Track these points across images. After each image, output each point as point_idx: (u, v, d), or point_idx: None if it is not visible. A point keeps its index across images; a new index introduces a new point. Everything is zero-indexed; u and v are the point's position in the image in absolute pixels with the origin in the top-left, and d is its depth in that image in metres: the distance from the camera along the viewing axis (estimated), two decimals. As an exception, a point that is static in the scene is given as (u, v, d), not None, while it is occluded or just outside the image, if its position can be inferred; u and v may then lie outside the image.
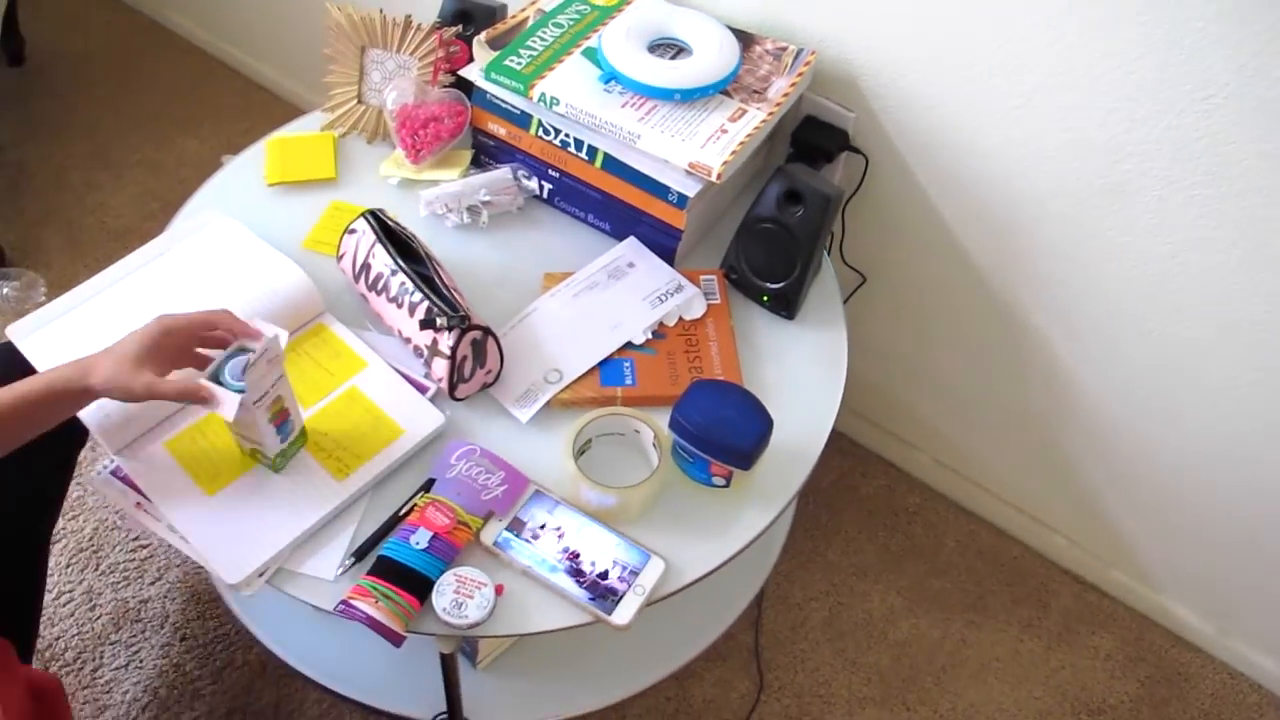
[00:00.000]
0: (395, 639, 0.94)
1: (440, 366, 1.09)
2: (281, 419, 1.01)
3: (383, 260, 1.13)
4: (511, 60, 1.25)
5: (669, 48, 1.28)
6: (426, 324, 1.07)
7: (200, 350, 0.98)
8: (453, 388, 1.09)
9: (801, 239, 1.18)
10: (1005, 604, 1.60)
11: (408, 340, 1.13)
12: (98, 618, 1.49)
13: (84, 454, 1.66)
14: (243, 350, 0.95)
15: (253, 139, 1.39)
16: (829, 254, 1.36)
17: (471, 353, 1.08)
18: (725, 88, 1.23)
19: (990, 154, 1.25)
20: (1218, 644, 1.55)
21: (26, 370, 1.01)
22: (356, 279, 1.17)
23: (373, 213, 1.17)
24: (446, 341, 1.06)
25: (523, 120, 1.26)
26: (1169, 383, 1.31)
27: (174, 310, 0.97)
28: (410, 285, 1.10)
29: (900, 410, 1.69)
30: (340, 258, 1.19)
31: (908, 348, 1.59)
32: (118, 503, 1.03)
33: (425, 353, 1.10)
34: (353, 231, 1.17)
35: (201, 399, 0.93)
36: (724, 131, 1.18)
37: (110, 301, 1.16)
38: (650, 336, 1.18)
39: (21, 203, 2.04)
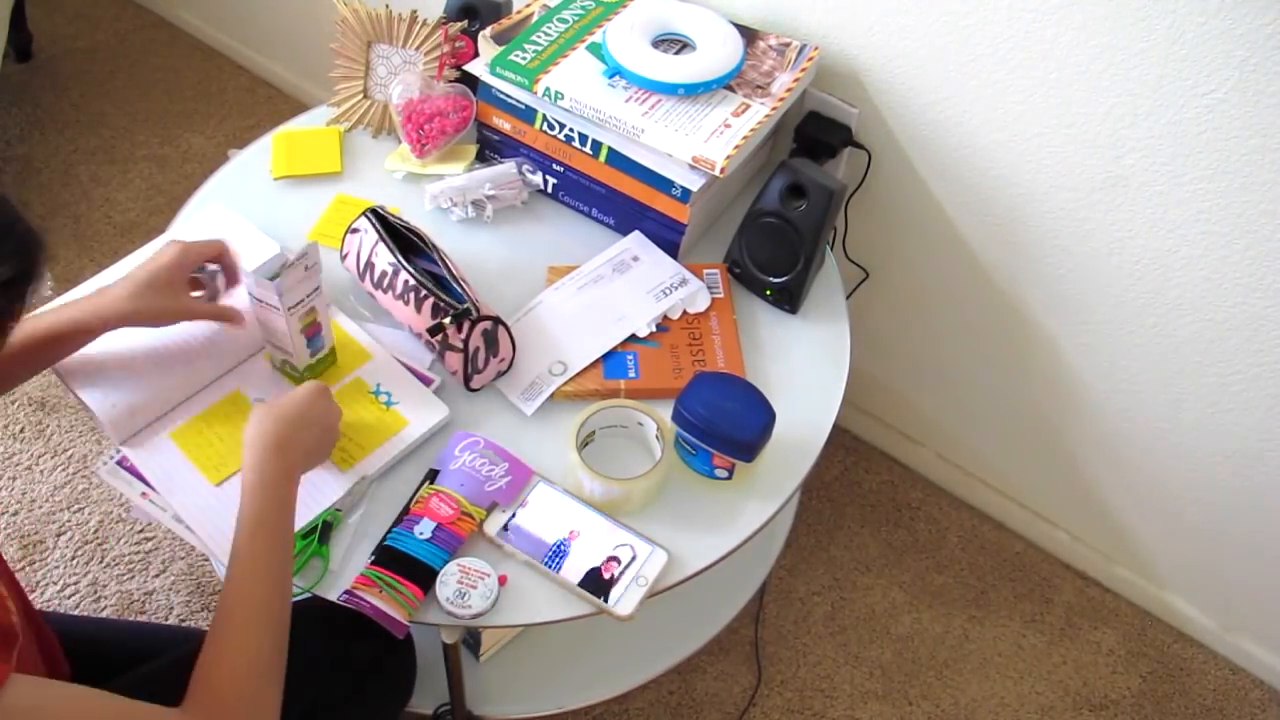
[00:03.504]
0: (399, 628, 0.94)
1: (454, 360, 1.10)
2: (313, 331, 1.06)
3: (385, 258, 1.14)
4: (516, 55, 1.25)
5: (673, 43, 1.28)
6: (435, 330, 1.08)
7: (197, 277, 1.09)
8: (467, 379, 1.10)
9: (805, 233, 1.19)
10: (1007, 599, 1.60)
11: (419, 335, 1.13)
12: (102, 610, 1.49)
13: (90, 446, 1.67)
14: (274, 259, 1.01)
15: (259, 134, 1.40)
16: (832, 249, 1.37)
17: (484, 343, 1.09)
18: (729, 83, 1.23)
19: (993, 149, 1.26)
20: (1220, 639, 1.56)
21: None
22: (361, 277, 1.17)
23: (374, 210, 1.17)
24: (457, 335, 1.07)
25: (527, 115, 1.27)
26: (1171, 377, 1.31)
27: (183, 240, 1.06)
28: (414, 281, 1.11)
29: (903, 405, 1.69)
30: (344, 257, 1.20)
31: (910, 343, 1.59)
32: (124, 493, 1.03)
33: (437, 347, 1.11)
34: (355, 230, 1.18)
35: (229, 318, 1.08)
36: (728, 126, 1.18)
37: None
38: (654, 329, 1.18)
39: (28, 197, 2.05)
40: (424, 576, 0.97)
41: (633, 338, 1.18)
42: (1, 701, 0.66)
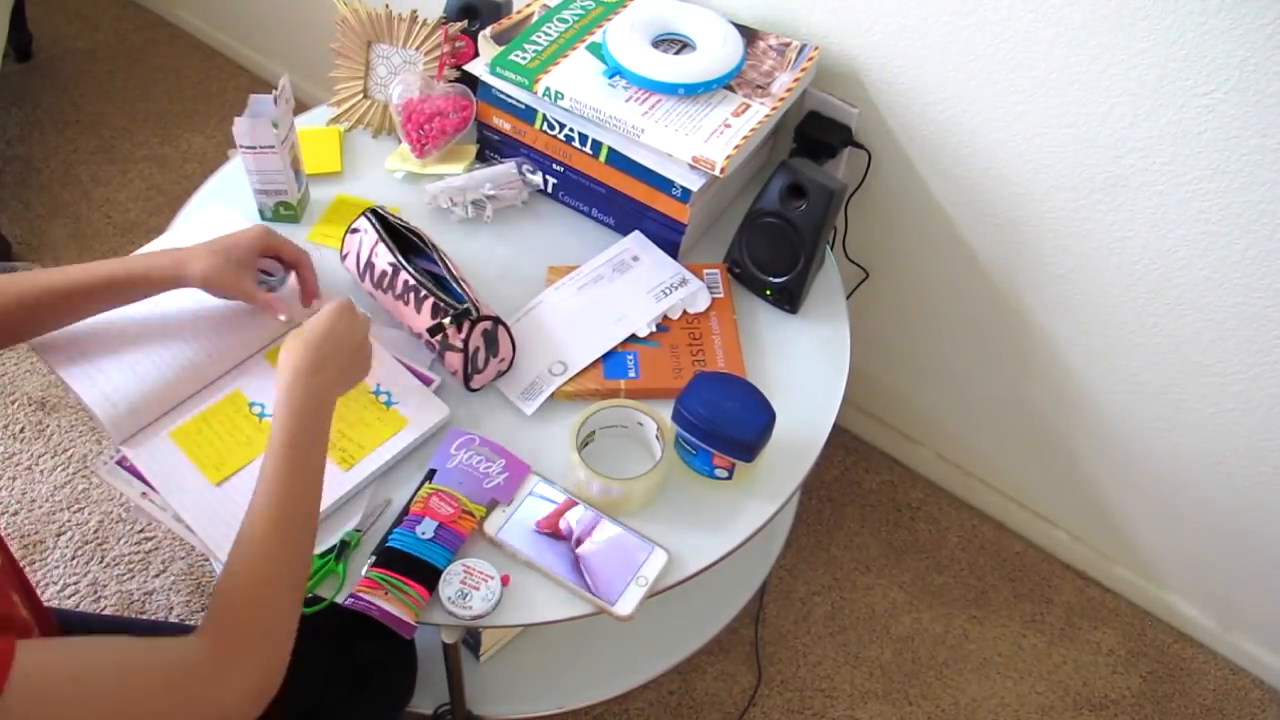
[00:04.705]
0: (406, 630, 0.94)
1: (454, 360, 1.10)
2: (297, 166, 1.18)
3: (385, 258, 1.14)
4: (516, 55, 1.25)
5: (673, 43, 1.28)
6: (435, 331, 1.08)
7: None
8: (467, 379, 1.10)
9: (804, 233, 1.19)
10: (1007, 599, 1.60)
11: (419, 335, 1.13)
12: (102, 609, 1.49)
13: (90, 446, 1.67)
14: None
15: (259, 133, 1.40)
16: (832, 248, 1.37)
17: (484, 343, 1.09)
18: (729, 83, 1.23)
19: (993, 149, 1.26)
20: (1220, 640, 1.56)
21: None
22: (361, 277, 1.17)
23: (374, 211, 1.17)
24: (457, 335, 1.07)
25: (527, 115, 1.27)
26: (1170, 376, 1.31)
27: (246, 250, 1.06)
28: (414, 281, 1.11)
29: (903, 405, 1.69)
30: (344, 257, 1.20)
31: (910, 343, 1.59)
32: (124, 493, 1.03)
33: (437, 347, 1.11)
34: (355, 230, 1.18)
35: (275, 313, 1.07)
36: (728, 126, 1.18)
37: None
38: (654, 329, 1.18)
39: (28, 197, 2.05)
40: (428, 576, 0.96)
41: (633, 338, 1.18)
42: (12, 680, 0.64)
